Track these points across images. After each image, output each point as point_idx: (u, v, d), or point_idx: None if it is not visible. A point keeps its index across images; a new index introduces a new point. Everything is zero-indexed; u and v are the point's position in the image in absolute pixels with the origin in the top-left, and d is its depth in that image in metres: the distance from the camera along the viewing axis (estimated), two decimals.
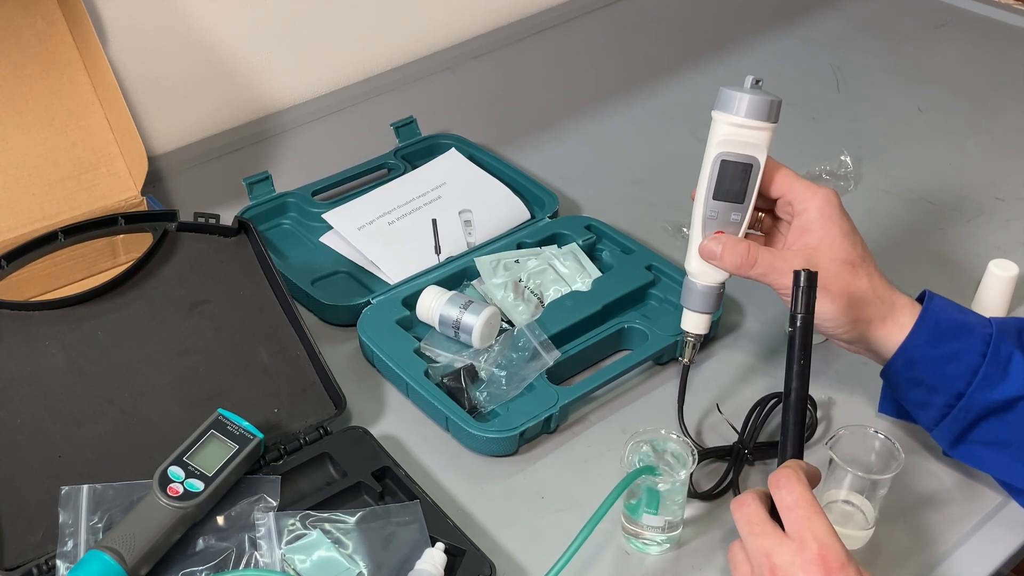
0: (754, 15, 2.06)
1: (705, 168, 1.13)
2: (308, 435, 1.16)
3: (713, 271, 1.13)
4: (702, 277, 1.15)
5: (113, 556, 0.98)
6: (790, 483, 0.90)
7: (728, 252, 1.11)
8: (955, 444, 1.11)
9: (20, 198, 1.33)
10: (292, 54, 1.78)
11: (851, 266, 1.10)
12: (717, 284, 1.15)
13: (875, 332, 1.11)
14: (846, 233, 1.11)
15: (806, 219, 1.11)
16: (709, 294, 1.15)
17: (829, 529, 0.88)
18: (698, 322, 1.17)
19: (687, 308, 1.17)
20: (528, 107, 1.80)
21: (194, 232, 1.26)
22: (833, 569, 0.86)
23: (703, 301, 1.15)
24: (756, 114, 1.10)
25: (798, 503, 0.89)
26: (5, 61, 1.36)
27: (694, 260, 1.14)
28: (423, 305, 1.29)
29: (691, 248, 1.14)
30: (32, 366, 1.15)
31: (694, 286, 1.15)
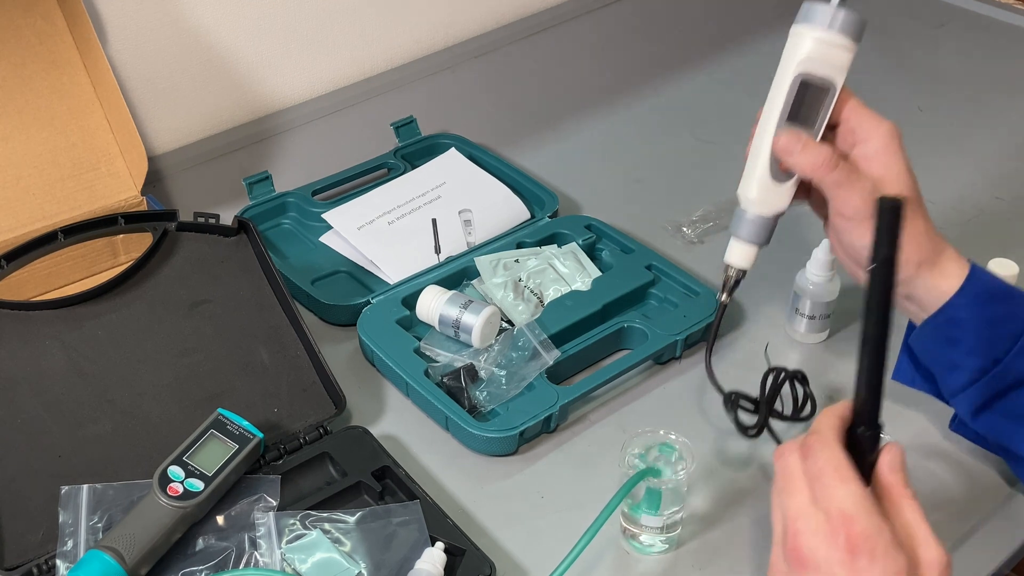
0: (753, 16, 2.06)
1: (779, 88, 1.05)
2: (308, 435, 1.17)
3: (773, 198, 1.07)
4: (759, 206, 1.07)
5: (113, 556, 0.99)
6: (813, 450, 0.84)
7: (810, 150, 1.03)
8: (978, 412, 1.08)
9: (20, 198, 1.33)
10: (292, 53, 1.78)
11: (913, 204, 1.04)
12: (773, 215, 1.07)
13: (922, 277, 1.05)
14: (908, 169, 1.05)
15: (869, 148, 1.04)
16: (763, 224, 1.08)
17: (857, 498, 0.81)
18: (744, 255, 1.09)
19: (735, 237, 1.09)
20: (528, 107, 1.80)
21: (194, 232, 1.27)
22: (858, 544, 0.80)
23: (755, 230, 1.08)
24: (848, 30, 1.02)
25: (823, 471, 0.83)
26: (5, 60, 1.36)
27: (754, 186, 1.06)
28: (423, 305, 1.29)
29: (751, 173, 1.07)
30: (32, 366, 1.15)
31: (746, 215, 1.08)
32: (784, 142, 1.04)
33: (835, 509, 0.81)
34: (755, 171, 1.06)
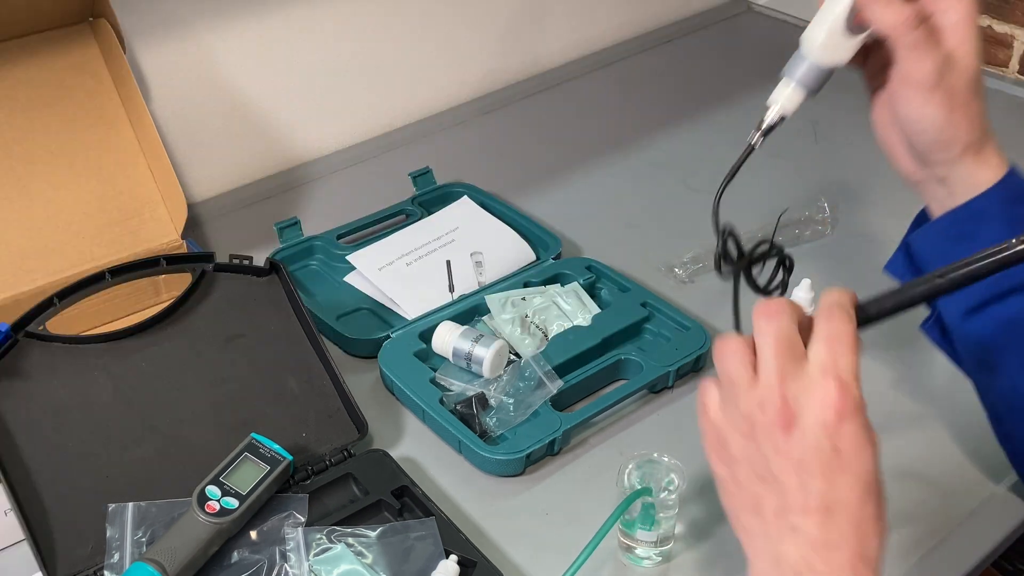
0: (739, 75, 2.07)
1: None
2: (333, 457, 1.17)
3: (836, 49, 0.97)
4: (821, 52, 0.98)
5: (156, 567, 0.99)
6: (840, 316, 0.77)
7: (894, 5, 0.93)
8: (970, 313, 1.01)
9: (71, 241, 1.34)
10: (319, 110, 1.79)
11: (976, 84, 0.97)
12: (829, 66, 0.98)
13: (965, 163, 0.99)
14: (979, 49, 0.97)
15: (949, 19, 0.95)
16: (817, 72, 0.99)
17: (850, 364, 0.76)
18: (790, 96, 1.00)
19: (786, 77, 1.00)
20: (534, 158, 1.81)
21: (229, 272, 1.27)
22: (847, 407, 0.75)
23: (810, 74, 0.99)
24: None
25: (831, 336, 0.77)
26: (58, 116, 1.37)
27: (823, 31, 0.97)
28: (438, 339, 1.30)
29: (822, 18, 0.97)
30: (82, 394, 1.15)
31: (805, 58, 0.99)
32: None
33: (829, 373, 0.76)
34: (829, 16, 0.97)
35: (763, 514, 0.78)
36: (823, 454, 0.75)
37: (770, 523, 0.78)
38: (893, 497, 1.14)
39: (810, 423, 0.75)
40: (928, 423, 1.26)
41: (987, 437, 1.18)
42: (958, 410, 1.27)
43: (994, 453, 1.19)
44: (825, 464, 0.75)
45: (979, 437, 1.22)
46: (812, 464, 0.75)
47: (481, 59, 1.98)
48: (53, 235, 1.33)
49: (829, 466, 0.75)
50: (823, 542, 0.75)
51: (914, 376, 1.32)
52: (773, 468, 0.77)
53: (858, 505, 0.75)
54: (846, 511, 0.75)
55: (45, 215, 1.34)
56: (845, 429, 0.75)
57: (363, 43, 1.80)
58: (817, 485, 0.75)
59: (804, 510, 0.76)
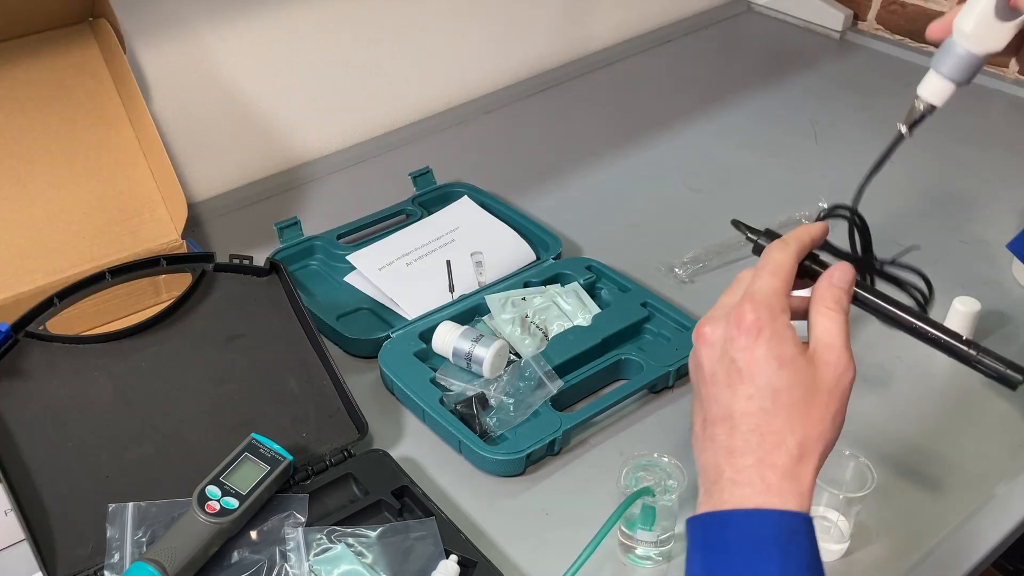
0: (739, 75, 2.08)
1: None
2: (333, 457, 1.17)
3: (989, 35, 0.92)
4: (972, 41, 0.92)
5: (156, 567, 0.99)
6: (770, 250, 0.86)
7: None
8: None
9: (71, 241, 1.34)
10: (319, 110, 1.80)
11: None
12: (984, 54, 0.93)
13: None
14: None
15: None
16: (970, 61, 0.93)
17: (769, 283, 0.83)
18: (939, 89, 0.95)
19: (934, 70, 0.95)
20: (534, 158, 1.81)
21: (229, 272, 1.27)
22: (749, 321, 0.81)
23: (960, 67, 0.93)
24: None
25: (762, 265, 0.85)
26: (58, 116, 1.37)
27: (973, 20, 0.91)
28: (438, 339, 1.30)
29: (972, 6, 0.92)
30: (82, 394, 1.15)
31: (956, 48, 0.93)
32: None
33: (744, 294, 0.82)
34: (979, 3, 0.92)
35: (695, 429, 0.85)
36: (724, 365, 0.81)
37: (698, 436, 0.84)
38: (894, 497, 1.15)
39: (717, 337, 0.82)
40: (929, 423, 1.26)
41: (987, 437, 1.18)
42: (958, 410, 1.27)
43: (994, 453, 1.20)
44: (727, 375, 0.81)
45: (979, 437, 1.22)
46: (718, 376, 0.82)
47: (481, 59, 1.98)
48: (53, 235, 1.33)
49: (730, 378, 0.81)
50: (729, 448, 0.80)
51: (915, 376, 1.32)
52: (698, 381, 0.84)
53: (760, 415, 0.80)
54: (747, 420, 0.80)
55: (45, 215, 1.34)
56: (744, 343, 0.80)
57: (363, 43, 1.80)
58: (722, 394, 0.81)
59: (714, 420, 0.82)
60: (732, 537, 0.79)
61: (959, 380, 1.31)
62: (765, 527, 0.79)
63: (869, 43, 2.17)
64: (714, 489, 0.81)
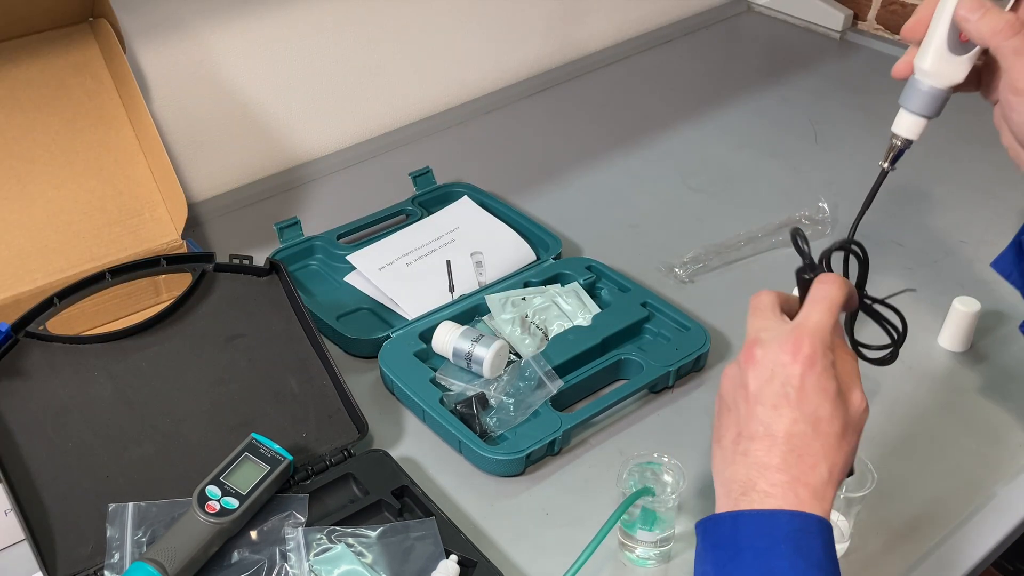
0: (739, 75, 2.08)
1: None
2: (333, 457, 1.17)
3: (948, 70, 0.95)
4: (933, 77, 0.96)
5: (156, 567, 0.99)
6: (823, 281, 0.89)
7: (991, 15, 0.91)
8: None
9: (71, 241, 1.34)
10: (319, 110, 1.79)
11: None
12: (946, 87, 0.96)
13: None
14: None
15: None
16: (934, 96, 0.96)
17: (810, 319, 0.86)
18: (912, 125, 0.98)
19: (904, 109, 0.98)
20: (534, 158, 1.81)
21: (230, 272, 1.27)
22: (805, 353, 0.84)
23: (926, 102, 0.97)
24: None
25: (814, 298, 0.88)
26: (58, 116, 1.37)
27: (930, 57, 0.95)
28: (438, 339, 1.30)
29: (928, 44, 0.95)
30: (82, 394, 1.15)
31: (920, 85, 0.97)
32: (965, 8, 0.92)
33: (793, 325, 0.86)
34: (932, 40, 0.95)
35: (723, 442, 0.87)
36: (774, 388, 0.84)
37: (727, 449, 0.86)
38: (894, 497, 1.15)
39: (768, 360, 0.84)
40: (929, 423, 1.26)
41: (987, 437, 1.18)
42: (958, 410, 1.27)
43: (994, 453, 1.19)
44: (775, 398, 0.84)
45: (980, 437, 1.22)
46: (764, 396, 0.84)
47: (481, 59, 1.98)
48: (53, 235, 1.33)
49: (778, 401, 0.84)
50: (766, 464, 0.83)
51: (915, 375, 1.32)
52: (737, 398, 0.86)
53: (802, 439, 0.83)
54: (789, 441, 0.83)
55: (45, 215, 1.34)
56: (798, 371, 0.83)
57: (363, 43, 1.80)
58: (766, 415, 0.84)
59: (752, 436, 0.84)
60: (744, 535, 0.82)
61: (959, 380, 1.31)
62: (778, 525, 0.81)
63: (869, 43, 2.17)
64: (742, 500, 0.83)
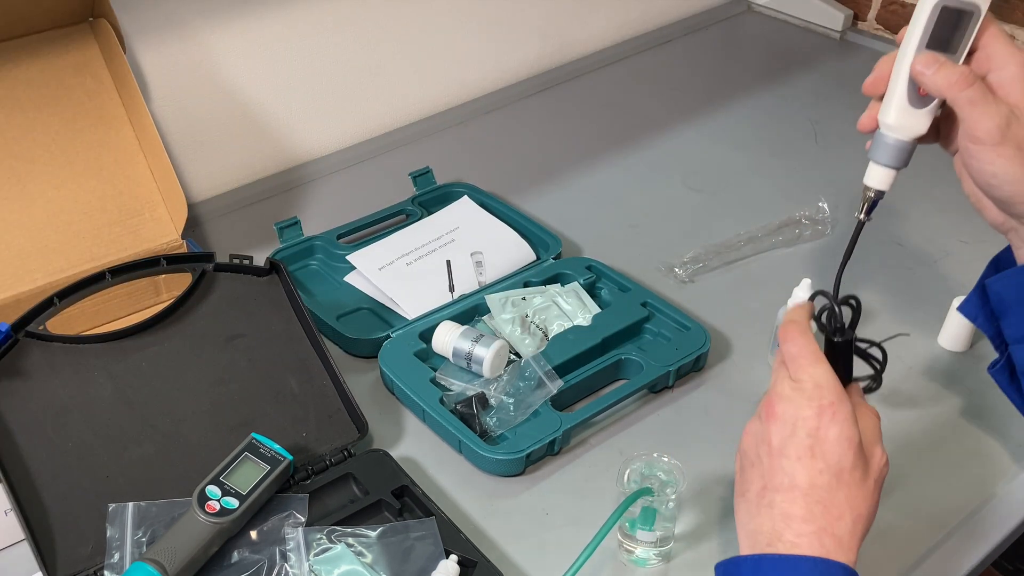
0: (739, 75, 2.08)
1: (920, 14, 0.97)
2: (333, 457, 1.17)
3: (911, 122, 0.99)
4: (897, 130, 0.99)
5: (156, 567, 0.99)
6: (794, 335, 0.91)
7: (945, 69, 0.95)
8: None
9: (71, 241, 1.34)
10: (319, 110, 1.79)
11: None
12: (911, 139, 0.99)
13: None
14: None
15: (1006, 75, 0.96)
16: (900, 148, 1.00)
17: (826, 373, 0.89)
18: (883, 177, 1.01)
19: (874, 161, 1.01)
20: (534, 158, 1.81)
21: (230, 272, 1.27)
22: (824, 405, 0.87)
23: (893, 154, 1.00)
24: None
25: (800, 353, 0.90)
26: (58, 116, 1.37)
27: (893, 112, 0.99)
28: (438, 338, 1.30)
29: (890, 99, 0.99)
30: (82, 394, 1.15)
31: (886, 139, 1.00)
32: (921, 64, 0.96)
33: (809, 380, 0.88)
34: (894, 95, 0.99)
35: (748, 495, 0.89)
36: (797, 441, 0.86)
37: (752, 502, 0.88)
38: (894, 497, 1.15)
39: (789, 415, 0.87)
40: (929, 423, 1.26)
41: (987, 437, 1.18)
42: (959, 410, 1.27)
43: (994, 453, 1.19)
44: (799, 450, 0.86)
45: (980, 437, 1.22)
46: (789, 449, 0.86)
47: (481, 59, 1.98)
48: (53, 235, 1.33)
49: (801, 452, 0.86)
50: (791, 515, 0.85)
51: (915, 376, 1.32)
52: (760, 453, 0.89)
53: (827, 489, 0.85)
54: (815, 492, 0.85)
55: (45, 215, 1.34)
56: (821, 423, 0.86)
57: (363, 43, 1.80)
58: (790, 466, 0.86)
59: (778, 488, 0.86)
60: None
61: (960, 380, 1.31)
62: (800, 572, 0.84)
63: (869, 43, 2.17)
64: (768, 551, 0.86)
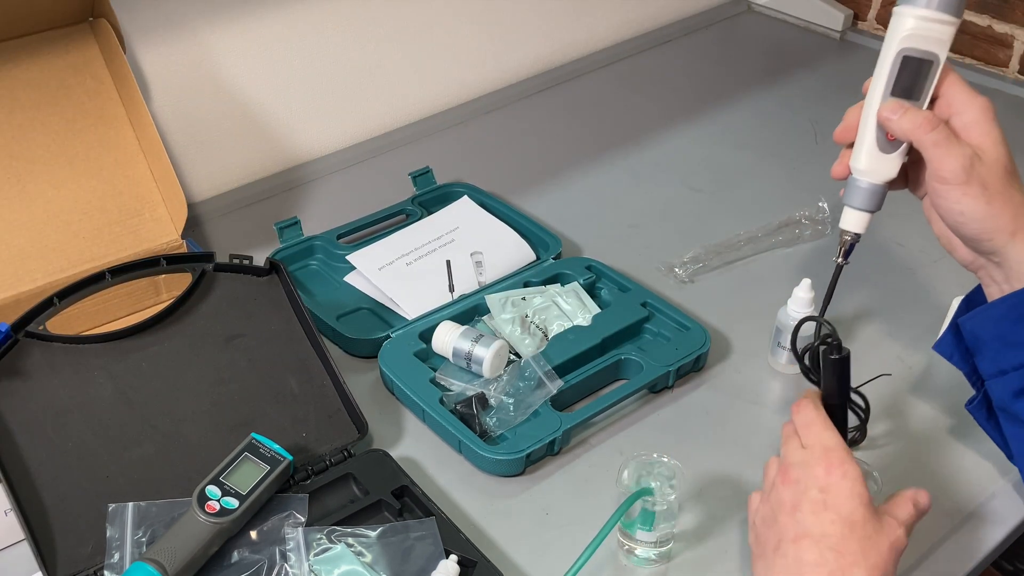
0: (739, 75, 2.08)
1: (883, 64, 1.02)
2: (333, 457, 1.17)
3: (881, 167, 1.04)
4: (869, 174, 1.04)
5: (156, 567, 0.99)
6: (806, 408, 0.98)
7: (910, 114, 1.00)
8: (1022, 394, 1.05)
9: (71, 241, 1.34)
10: (319, 110, 1.79)
11: (1010, 173, 1.02)
12: (882, 183, 1.04)
13: (1017, 248, 1.02)
14: (1004, 140, 1.03)
15: (967, 118, 1.02)
16: (873, 192, 1.05)
17: (835, 438, 0.95)
18: (859, 221, 1.06)
19: (848, 206, 1.06)
20: (534, 158, 1.81)
21: (230, 272, 1.27)
22: (834, 464, 0.93)
23: (867, 198, 1.05)
24: (946, 6, 0.99)
25: (812, 421, 0.97)
26: (58, 116, 1.37)
27: (863, 157, 1.04)
28: (438, 339, 1.30)
29: (860, 145, 1.04)
30: (82, 394, 1.15)
31: (859, 183, 1.05)
32: (887, 110, 1.01)
33: (818, 444, 0.95)
34: (863, 143, 1.04)
35: (766, 553, 0.95)
36: (811, 496, 0.93)
37: (769, 557, 0.94)
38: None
39: (804, 477, 0.94)
40: (928, 423, 1.26)
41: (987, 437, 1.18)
42: (958, 411, 1.27)
43: (994, 453, 1.19)
44: (812, 504, 0.92)
45: (979, 437, 1.22)
46: (803, 504, 0.93)
47: (481, 59, 1.98)
48: (53, 235, 1.33)
49: (816, 506, 0.92)
50: (805, 561, 0.91)
51: (914, 377, 1.32)
52: (775, 512, 0.95)
53: (839, 537, 0.90)
54: (827, 540, 0.91)
55: (45, 215, 1.34)
56: (833, 480, 0.92)
57: (363, 43, 1.80)
58: (805, 519, 0.92)
59: (795, 539, 0.92)
60: None
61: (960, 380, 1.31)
62: None
63: (869, 43, 2.17)
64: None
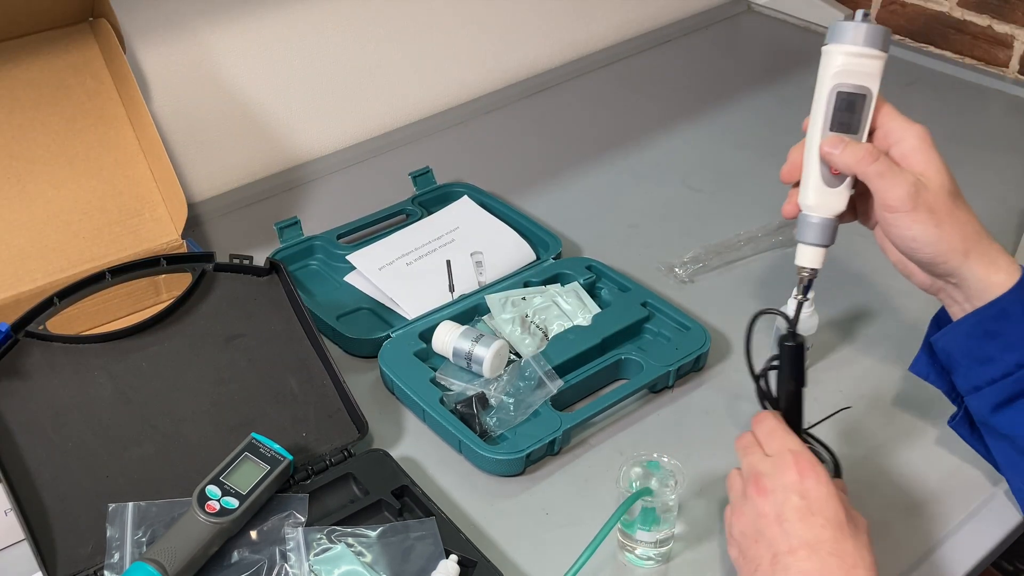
0: (739, 75, 2.08)
1: (819, 101, 1.05)
2: (333, 457, 1.17)
3: (829, 201, 1.05)
4: (818, 210, 1.05)
5: (156, 567, 0.99)
6: (767, 418, 1.02)
7: (851, 148, 1.02)
8: (999, 408, 1.06)
9: (71, 241, 1.34)
10: (319, 110, 1.79)
11: (955, 196, 1.03)
12: (833, 216, 1.05)
13: (971, 268, 1.03)
14: (944, 165, 1.04)
15: (906, 147, 1.03)
16: (825, 226, 1.05)
17: (797, 442, 0.98)
18: (813, 256, 1.06)
19: (802, 243, 1.06)
20: (534, 158, 1.81)
21: (230, 272, 1.27)
22: (805, 467, 0.95)
23: (819, 233, 1.05)
24: (872, 42, 1.02)
25: (774, 428, 1.00)
26: (58, 116, 1.37)
27: (811, 193, 1.05)
28: (438, 338, 1.30)
29: (806, 182, 1.06)
30: (82, 394, 1.15)
31: (809, 219, 1.06)
32: (828, 145, 1.03)
33: (784, 449, 0.97)
34: (809, 180, 1.06)
35: (761, 568, 0.94)
36: (793, 504, 0.93)
37: (766, 572, 0.93)
38: (894, 497, 1.15)
39: (779, 484, 0.95)
40: (928, 423, 1.26)
41: None
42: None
43: None
44: (798, 512, 0.93)
45: None
46: (788, 514, 0.93)
47: (481, 59, 1.98)
48: (53, 235, 1.33)
49: (801, 513, 0.93)
50: (809, 571, 0.91)
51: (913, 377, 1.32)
52: (761, 528, 0.95)
53: (834, 541, 0.92)
54: (824, 546, 0.91)
55: (45, 215, 1.34)
56: (811, 484, 0.94)
57: (363, 43, 1.80)
58: (795, 528, 0.92)
59: (790, 550, 0.92)
60: None
61: None
62: None
63: None
64: None
